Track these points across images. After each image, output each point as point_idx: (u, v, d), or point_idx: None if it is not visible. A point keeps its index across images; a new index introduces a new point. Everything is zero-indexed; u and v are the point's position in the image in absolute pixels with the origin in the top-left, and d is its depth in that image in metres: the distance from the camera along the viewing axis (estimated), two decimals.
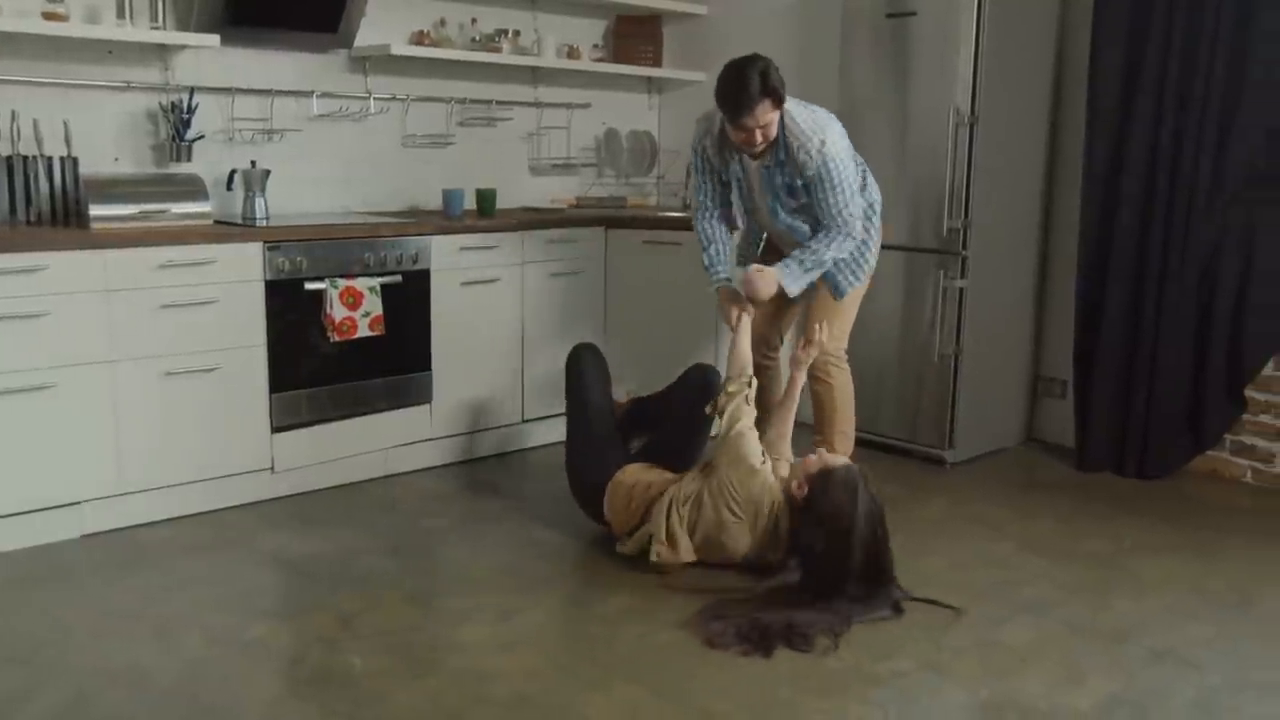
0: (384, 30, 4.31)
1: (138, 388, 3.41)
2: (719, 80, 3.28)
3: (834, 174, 3.36)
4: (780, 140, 3.35)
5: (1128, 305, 4.14)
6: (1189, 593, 3.15)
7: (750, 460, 3.09)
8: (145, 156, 3.88)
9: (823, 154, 3.33)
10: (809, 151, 3.32)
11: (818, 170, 3.35)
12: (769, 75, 3.21)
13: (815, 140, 3.32)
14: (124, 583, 3.10)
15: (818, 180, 3.37)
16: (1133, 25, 4.01)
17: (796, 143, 3.32)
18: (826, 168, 3.35)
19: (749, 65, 3.22)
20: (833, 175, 3.36)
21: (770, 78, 3.21)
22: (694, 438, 3.49)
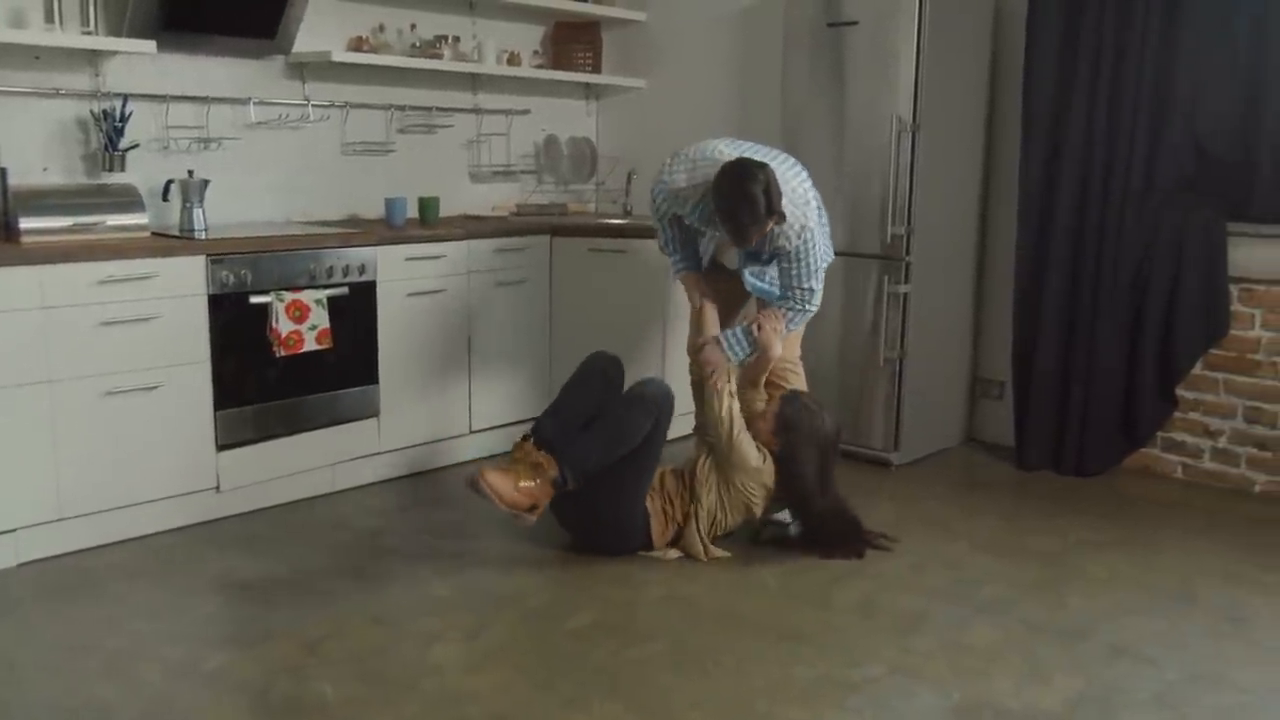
0: (322, 36, 4.22)
1: (76, 408, 3.28)
2: (725, 197, 3.22)
3: (808, 253, 3.42)
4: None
5: (1063, 308, 4.26)
6: (1136, 588, 3.26)
7: (754, 462, 3.39)
8: (76, 167, 3.72)
9: (802, 237, 3.38)
10: (789, 237, 3.37)
11: (795, 249, 3.40)
12: (773, 195, 3.19)
13: (797, 226, 3.35)
14: (69, 613, 2.98)
15: (791, 256, 3.42)
16: (1064, 37, 4.13)
17: (780, 229, 3.34)
18: (805, 248, 3.41)
19: (757, 185, 3.16)
20: (807, 254, 3.42)
21: (775, 198, 3.19)
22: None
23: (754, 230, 3.23)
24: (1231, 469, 4.16)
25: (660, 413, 3.30)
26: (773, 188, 3.20)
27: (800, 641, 2.88)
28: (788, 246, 3.39)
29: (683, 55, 5.06)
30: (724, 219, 3.26)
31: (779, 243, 3.38)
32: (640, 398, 3.32)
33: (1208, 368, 4.17)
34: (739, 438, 3.37)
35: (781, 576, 3.36)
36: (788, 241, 3.37)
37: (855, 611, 3.09)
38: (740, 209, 3.20)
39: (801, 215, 3.35)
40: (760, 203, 3.18)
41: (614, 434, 3.27)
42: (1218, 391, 4.15)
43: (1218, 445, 4.18)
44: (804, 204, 3.37)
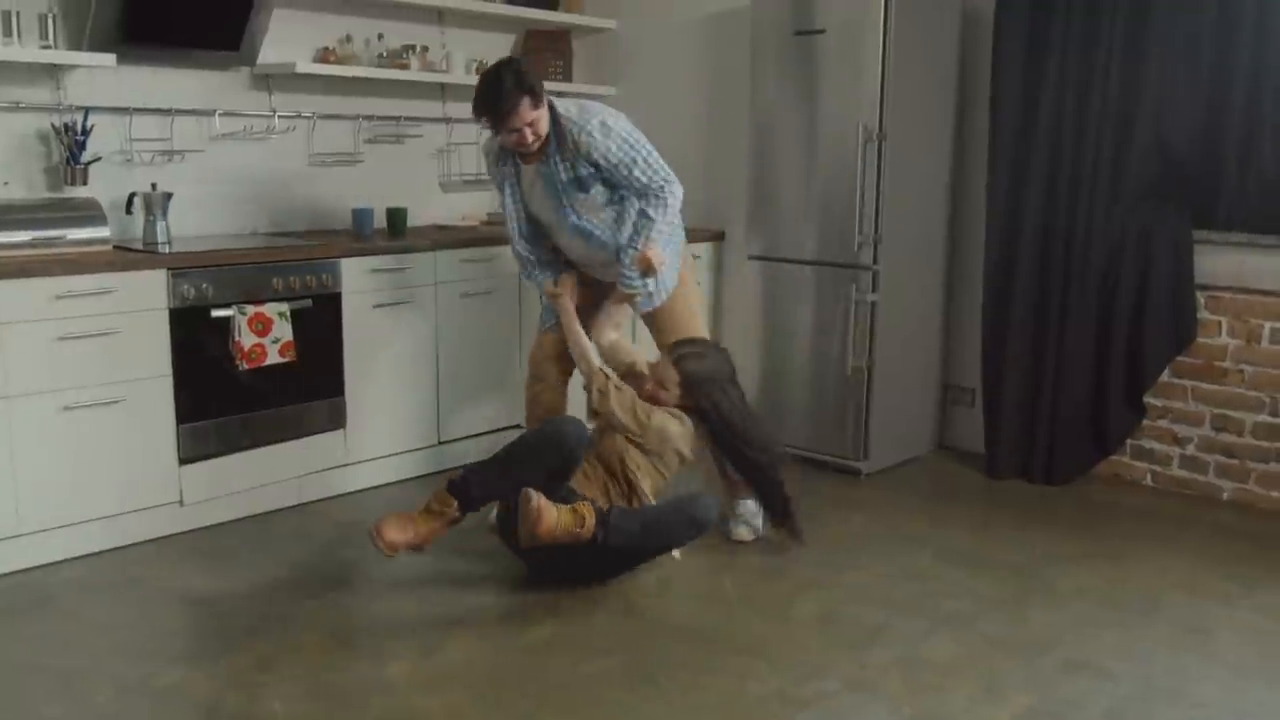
0: (288, 47, 4.21)
1: (34, 424, 3.26)
2: (476, 91, 3.28)
3: (631, 148, 3.37)
4: (551, 136, 3.36)
5: (1031, 315, 4.26)
6: (1100, 602, 3.24)
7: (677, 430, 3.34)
8: (38, 180, 3.71)
9: (606, 130, 3.34)
10: (590, 133, 3.33)
11: (610, 151, 3.35)
12: (523, 75, 3.23)
13: (594, 121, 3.34)
14: (26, 630, 2.97)
15: (617, 162, 3.36)
16: (1031, 44, 4.12)
17: (572, 130, 3.33)
18: (619, 143, 3.36)
19: (502, 68, 3.25)
20: (630, 149, 3.37)
21: (525, 76, 3.22)
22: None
23: (508, 108, 3.20)
24: (1200, 477, 4.15)
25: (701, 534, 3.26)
26: (526, 72, 3.23)
27: (756, 655, 2.87)
28: (596, 148, 3.33)
29: (653, 63, 5.06)
30: (482, 109, 3.26)
31: (581, 140, 3.32)
32: (693, 521, 3.20)
33: (1175, 375, 4.16)
34: (654, 422, 3.31)
35: (743, 585, 3.36)
36: (592, 139, 3.32)
37: (815, 623, 3.08)
38: (489, 88, 3.22)
39: (598, 113, 3.36)
40: (508, 80, 3.19)
41: (658, 537, 3.17)
42: (1186, 399, 4.15)
43: (1186, 453, 4.18)
44: (599, 111, 3.38)
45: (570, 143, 3.33)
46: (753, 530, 3.69)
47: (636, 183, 3.41)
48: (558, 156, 3.38)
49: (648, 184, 3.41)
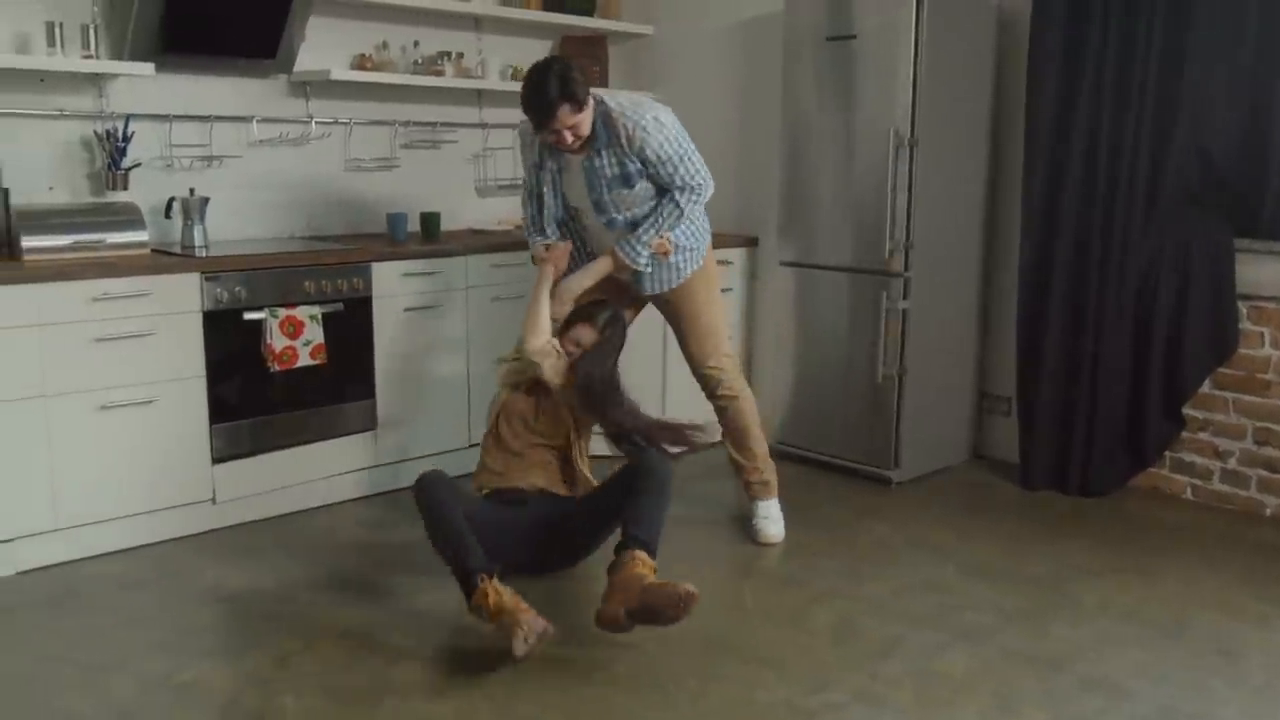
0: (326, 54, 4.29)
1: (72, 422, 3.36)
2: (521, 89, 3.29)
3: (679, 144, 3.38)
4: (598, 131, 3.34)
5: (1068, 324, 4.19)
6: (1125, 618, 3.18)
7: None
8: (81, 185, 3.83)
9: (660, 125, 3.34)
10: (645, 128, 3.31)
11: (662, 146, 3.33)
12: (567, 79, 3.19)
13: (646, 117, 3.33)
14: (58, 623, 3.06)
15: (665, 158, 3.35)
16: (1067, 48, 4.05)
17: (622, 124, 3.31)
18: (671, 139, 3.35)
19: (547, 71, 3.22)
20: (679, 146, 3.38)
21: (569, 82, 3.19)
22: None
23: (547, 113, 3.20)
24: (1241, 491, 4.05)
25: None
26: (571, 76, 3.19)
27: (767, 664, 2.87)
28: (649, 144, 3.32)
29: (689, 68, 5.06)
30: (524, 109, 3.27)
31: (635, 135, 3.31)
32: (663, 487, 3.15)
33: (1216, 387, 4.06)
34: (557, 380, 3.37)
35: (761, 594, 3.36)
36: (645, 134, 3.31)
37: (829, 634, 3.06)
38: (530, 91, 3.22)
39: (650, 109, 3.35)
40: (552, 85, 3.17)
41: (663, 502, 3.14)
42: (1227, 411, 4.05)
43: (1227, 467, 4.08)
44: (652, 106, 3.38)
45: (623, 137, 3.32)
46: (779, 530, 3.72)
47: (678, 178, 3.40)
48: (607, 151, 3.36)
49: (688, 181, 3.42)
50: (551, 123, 3.24)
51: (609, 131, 3.33)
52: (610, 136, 3.34)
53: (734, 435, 3.75)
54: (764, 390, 4.88)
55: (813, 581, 3.43)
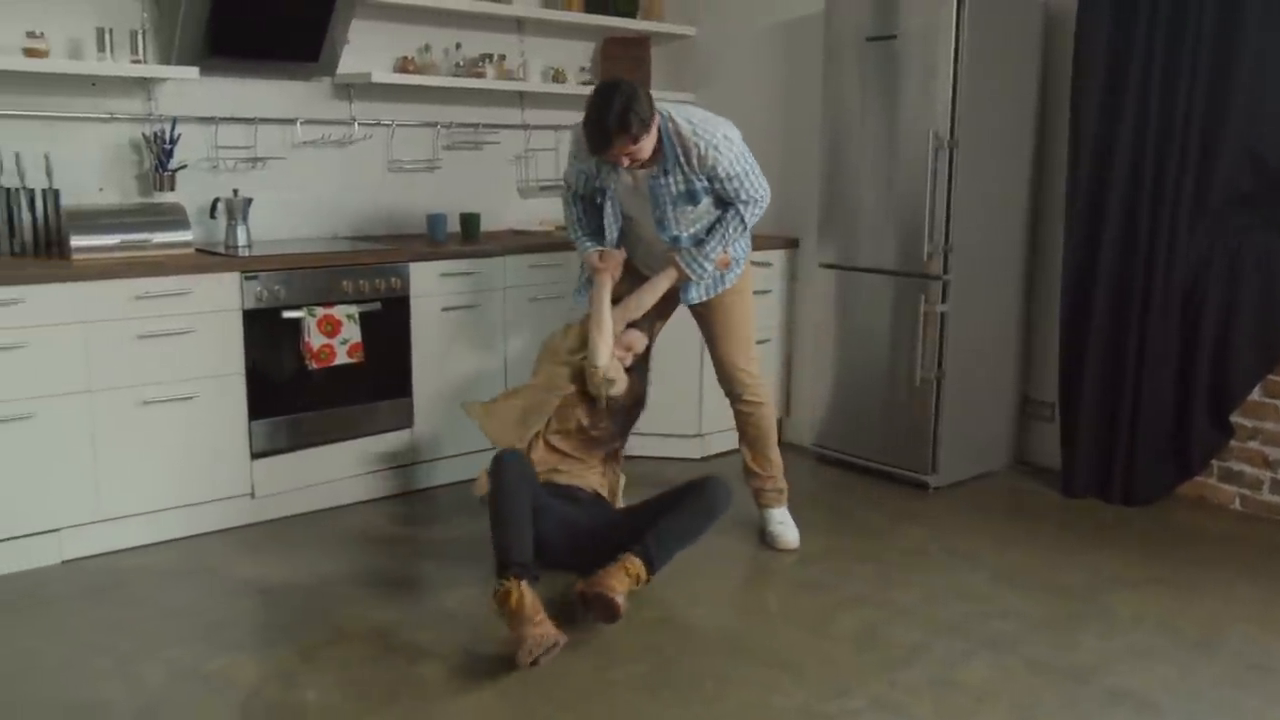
0: (369, 56, 4.35)
1: (115, 416, 3.46)
2: (585, 110, 3.23)
3: (745, 160, 3.37)
4: (666, 151, 3.30)
5: (1112, 329, 4.10)
6: (1159, 630, 3.11)
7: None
8: (130, 186, 3.94)
9: (729, 143, 3.32)
10: (716, 147, 3.28)
11: (732, 163, 3.32)
12: (627, 114, 3.12)
13: (717, 135, 3.29)
14: (96, 612, 3.15)
15: (733, 174, 3.34)
16: (1114, 48, 3.97)
17: (694, 143, 3.27)
18: (739, 156, 3.34)
19: (608, 101, 3.14)
20: (745, 161, 3.36)
21: (628, 116, 3.12)
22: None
23: (604, 144, 3.18)
24: None
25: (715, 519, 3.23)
26: (633, 107, 3.12)
27: (786, 669, 2.86)
28: (721, 162, 3.30)
29: (732, 69, 5.04)
30: (584, 132, 3.24)
31: (707, 155, 3.28)
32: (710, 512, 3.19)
33: (1267, 394, 3.95)
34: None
35: (786, 598, 3.35)
36: (717, 154, 3.28)
37: (852, 640, 3.04)
38: (590, 118, 3.17)
39: (720, 125, 3.32)
40: (610, 118, 3.11)
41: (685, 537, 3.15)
42: (1278, 420, 3.93)
43: (1278, 476, 3.96)
44: (721, 123, 3.34)
45: (694, 157, 3.29)
46: (796, 535, 3.74)
47: (744, 193, 3.39)
48: (674, 169, 3.33)
49: (752, 194, 3.41)
50: (606, 152, 3.24)
51: (679, 151, 3.30)
52: (680, 156, 3.31)
53: (753, 442, 3.74)
54: (802, 393, 4.87)
55: (840, 586, 3.40)
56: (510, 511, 3.02)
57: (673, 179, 3.34)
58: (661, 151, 3.29)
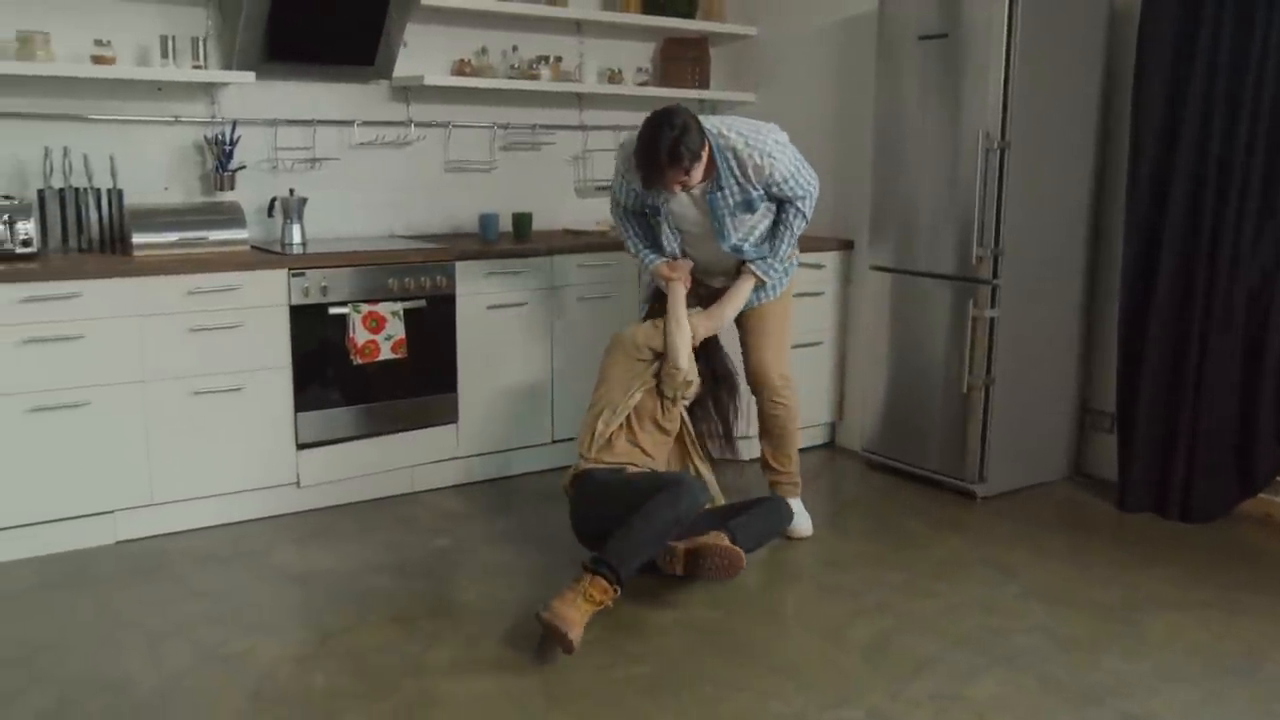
0: (427, 60, 4.46)
1: (167, 405, 3.63)
2: (638, 139, 3.30)
3: (795, 159, 3.43)
4: (722, 169, 3.36)
5: (1172, 336, 3.94)
6: (1191, 654, 2.98)
7: None
8: (194, 186, 4.12)
9: (781, 148, 3.40)
10: (770, 154, 3.36)
11: (785, 167, 3.39)
12: (678, 148, 3.19)
13: (769, 142, 3.36)
14: (139, 591, 3.32)
15: (787, 176, 3.40)
16: (1178, 44, 3.81)
17: (749, 156, 3.34)
18: (790, 158, 3.41)
19: (659, 134, 3.21)
20: (795, 161, 3.43)
21: (678, 149, 3.19)
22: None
23: (655, 178, 3.27)
24: None
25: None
26: (679, 145, 3.18)
27: (790, 675, 2.83)
28: (776, 168, 3.37)
29: (792, 69, 5.00)
30: (636, 163, 3.29)
31: (769, 174, 3.36)
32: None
33: None
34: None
35: (805, 603, 3.32)
36: (771, 160, 3.35)
37: (863, 649, 2.99)
38: (641, 151, 3.25)
39: (768, 131, 3.40)
40: (661, 153, 3.19)
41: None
42: None
43: None
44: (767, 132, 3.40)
45: (750, 169, 3.36)
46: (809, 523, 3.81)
47: (799, 189, 3.46)
48: (730, 183, 3.41)
49: (807, 190, 3.48)
50: (656, 183, 3.33)
51: (734, 165, 3.37)
52: (735, 170, 3.38)
53: (776, 440, 3.79)
54: (854, 397, 4.80)
55: (864, 593, 3.35)
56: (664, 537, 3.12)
57: (729, 192, 3.42)
58: (715, 168, 3.37)
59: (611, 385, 3.47)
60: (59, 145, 3.80)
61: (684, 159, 3.21)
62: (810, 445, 4.86)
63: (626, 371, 3.47)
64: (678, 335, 3.45)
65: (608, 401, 3.44)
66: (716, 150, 3.34)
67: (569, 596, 2.94)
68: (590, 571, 2.99)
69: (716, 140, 3.34)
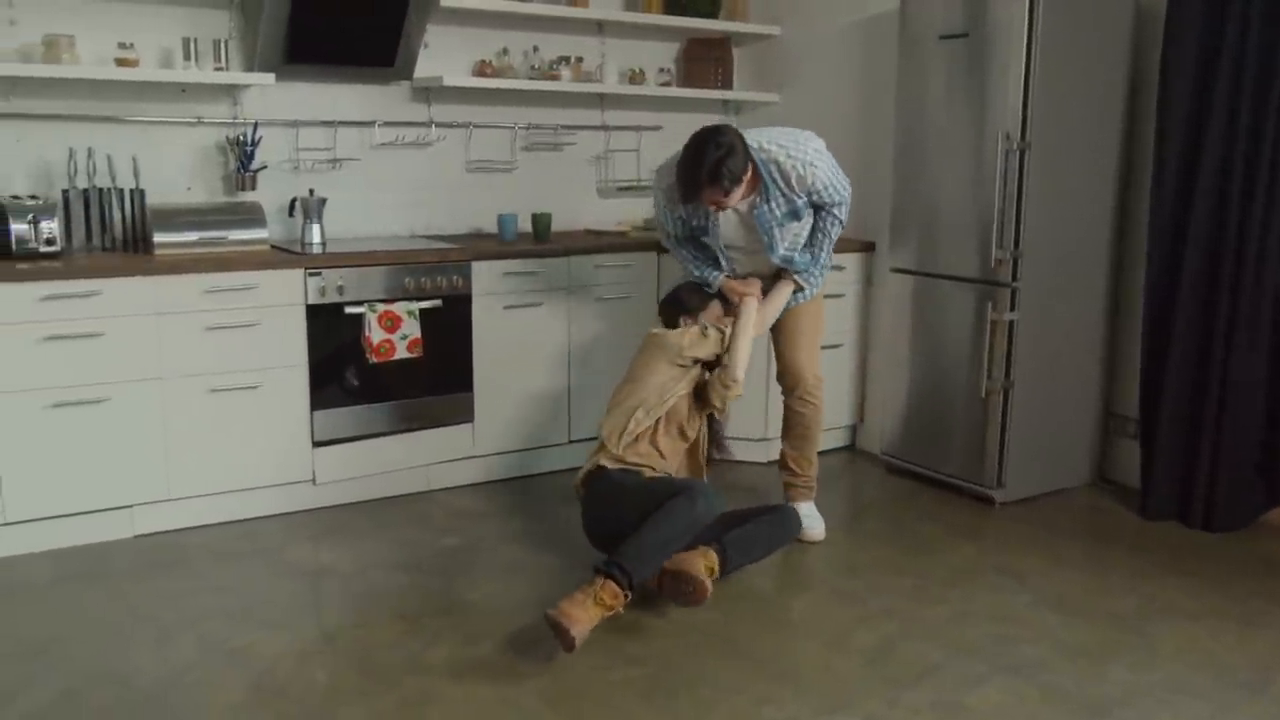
0: (448, 60, 4.49)
1: (185, 402, 3.69)
2: (682, 157, 3.33)
3: (831, 166, 3.50)
4: (766, 181, 3.42)
5: (1195, 341, 3.86)
6: (1201, 666, 2.92)
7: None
8: (216, 186, 4.18)
9: (820, 155, 3.48)
10: (811, 163, 3.43)
11: (825, 174, 3.45)
12: (719, 170, 3.23)
13: (808, 151, 3.42)
14: (153, 584, 3.38)
15: (827, 184, 3.48)
16: (1204, 44, 3.73)
17: (792, 167, 3.40)
18: (828, 165, 3.48)
19: (703, 153, 3.24)
20: (832, 167, 3.50)
21: (720, 170, 3.23)
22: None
23: (694, 196, 3.33)
24: None
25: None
26: (721, 166, 3.21)
27: (787, 681, 2.81)
28: (818, 176, 3.43)
29: (816, 69, 4.96)
30: (678, 173, 3.33)
31: (812, 183, 3.43)
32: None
33: None
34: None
35: (812, 608, 3.30)
36: (812, 169, 3.41)
37: (866, 655, 2.97)
38: (684, 169, 3.29)
39: (806, 140, 3.45)
40: (702, 173, 3.23)
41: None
42: None
43: None
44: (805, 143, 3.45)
45: (794, 180, 3.42)
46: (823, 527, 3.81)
47: (836, 195, 3.52)
48: (776, 195, 3.46)
49: (842, 195, 3.55)
50: (696, 201, 3.39)
51: (778, 178, 3.42)
52: (780, 182, 3.43)
53: (799, 440, 3.81)
54: (875, 400, 4.76)
55: (871, 599, 3.32)
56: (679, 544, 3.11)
57: (775, 205, 3.47)
58: (760, 181, 3.42)
59: (645, 385, 3.46)
60: (84, 146, 3.88)
61: (724, 180, 3.26)
62: (831, 448, 4.83)
63: (663, 374, 3.47)
64: (745, 350, 3.50)
65: (641, 400, 3.44)
66: (760, 165, 3.40)
67: (579, 598, 2.94)
68: (603, 574, 2.98)
69: (759, 155, 3.39)
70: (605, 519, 3.32)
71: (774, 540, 3.46)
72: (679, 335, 3.51)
